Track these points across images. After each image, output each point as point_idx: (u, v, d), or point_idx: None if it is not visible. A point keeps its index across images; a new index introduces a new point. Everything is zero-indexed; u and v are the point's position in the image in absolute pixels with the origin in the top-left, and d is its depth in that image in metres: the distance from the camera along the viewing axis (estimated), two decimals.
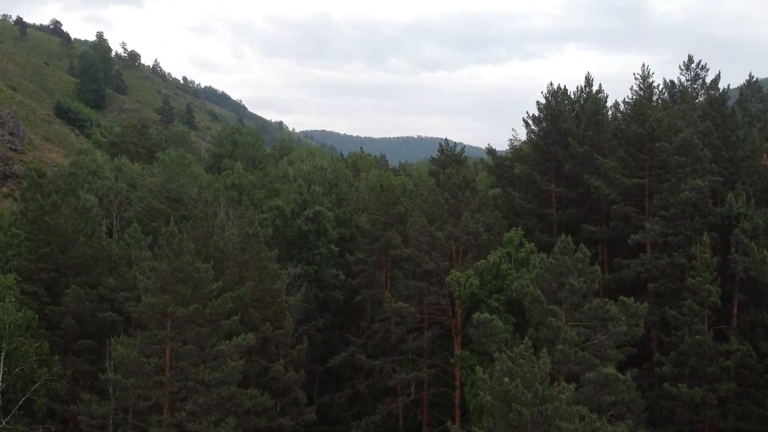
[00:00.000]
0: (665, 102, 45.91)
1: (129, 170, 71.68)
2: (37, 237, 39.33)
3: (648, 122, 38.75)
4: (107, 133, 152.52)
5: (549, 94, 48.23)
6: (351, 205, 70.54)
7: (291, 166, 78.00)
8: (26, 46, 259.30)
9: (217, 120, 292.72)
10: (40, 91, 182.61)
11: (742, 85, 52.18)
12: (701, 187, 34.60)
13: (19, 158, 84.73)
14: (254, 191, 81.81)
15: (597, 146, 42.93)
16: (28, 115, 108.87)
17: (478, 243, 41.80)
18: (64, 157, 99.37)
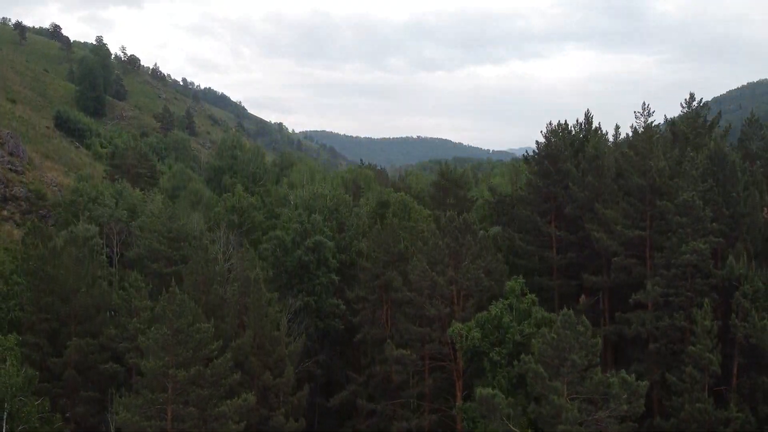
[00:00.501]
0: (665, 140, 45.79)
1: (130, 196, 71.60)
2: (39, 287, 39.33)
3: (649, 173, 38.79)
4: (107, 143, 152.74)
5: (548, 134, 48.20)
6: (351, 230, 70.55)
7: (292, 190, 77.86)
8: (26, 51, 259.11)
9: (217, 125, 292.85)
10: (39, 99, 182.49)
11: (743, 124, 52.09)
12: (702, 249, 34.66)
13: (20, 179, 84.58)
14: (254, 213, 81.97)
15: (597, 191, 42.96)
16: (27, 131, 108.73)
17: (479, 289, 41.83)
18: (64, 174, 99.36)
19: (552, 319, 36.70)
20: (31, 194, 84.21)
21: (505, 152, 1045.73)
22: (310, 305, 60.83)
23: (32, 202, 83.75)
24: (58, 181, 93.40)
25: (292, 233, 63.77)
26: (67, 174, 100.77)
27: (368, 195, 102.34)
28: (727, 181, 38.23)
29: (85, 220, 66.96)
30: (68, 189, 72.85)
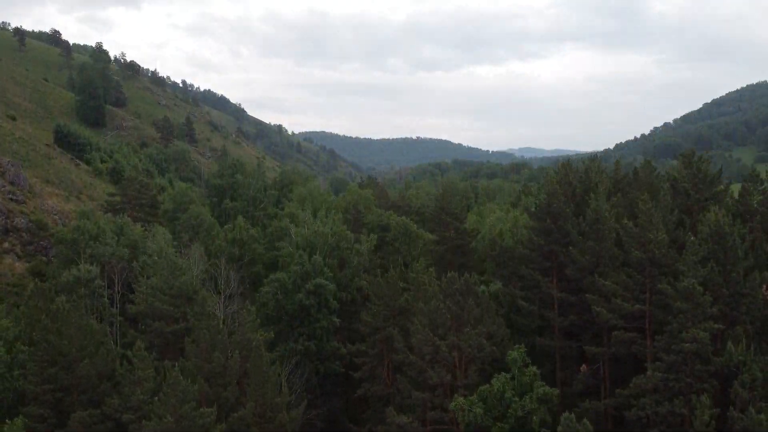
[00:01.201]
0: (666, 201, 45.77)
1: (131, 232, 71.67)
2: (42, 358, 39.39)
3: (649, 246, 38.92)
4: (107, 157, 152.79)
5: (549, 192, 48.24)
6: (352, 267, 70.69)
7: (292, 222, 77.86)
8: (25, 58, 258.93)
9: (216, 131, 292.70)
10: (40, 110, 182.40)
11: (744, 179, 52.14)
12: (702, 337, 34.81)
13: (20, 209, 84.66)
14: (255, 245, 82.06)
15: (598, 255, 43.08)
16: (28, 153, 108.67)
17: (481, 355, 41.94)
18: (65, 200, 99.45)
19: (554, 395, 36.84)
20: (32, 225, 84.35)
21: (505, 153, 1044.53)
22: (310, 350, 61.04)
23: (33, 233, 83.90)
24: (59, 208, 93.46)
25: (292, 275, 63.92)
26: (68, 199, 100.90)
27: (368, 218, 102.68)
28: (728, 260, 38.33)
29: (86, 259, 67.11)
30: (69, 225, 72.60)
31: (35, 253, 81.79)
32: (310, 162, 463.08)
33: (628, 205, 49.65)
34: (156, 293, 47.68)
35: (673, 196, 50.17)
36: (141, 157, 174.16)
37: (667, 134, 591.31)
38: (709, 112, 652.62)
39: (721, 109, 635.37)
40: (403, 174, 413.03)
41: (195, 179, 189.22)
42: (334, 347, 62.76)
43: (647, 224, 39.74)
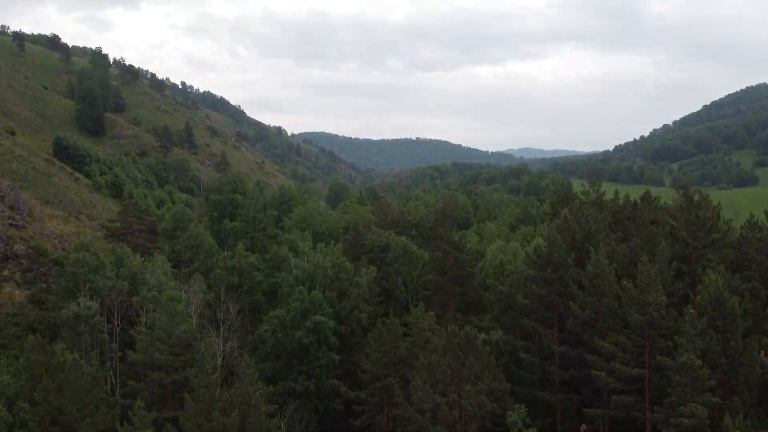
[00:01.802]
0: (663, 256, 45.79)
1: (130, 264, 71.64)
2: (43, 418, 39.44)
3: (647, 309, 39.02)
4: (107, 169, 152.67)
5: (550, 240, 48.27)
6: (352, 299, 70.76)
7: (292, 252, 77.89)
8: (25, 63, 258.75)
9: (216, 135, 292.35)
10: (39, 120, 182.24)
11: (744, 227, 52.09)
12: (700, 413, 34.90)
13: (20, 235, 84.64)
14: (254, 273, 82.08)
15: (598, 311, 43.18)
16: (27, 172, 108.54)
17: (481, 413, 42.02)
18: (64, 221, 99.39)
19: None
20: (31, 251, 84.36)
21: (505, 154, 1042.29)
22: (310, 389, 61.05)
23: (33, 259, 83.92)
24: (59, 231, 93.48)
25: (292, 311, 63.97)
26: (68, 220, 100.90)
27: (368, 237, 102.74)
28: (727, 328, 38.43)
29: (86, 292, 67.20)
30: (69, 257, 72.40)
31: (35, 280, 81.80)
32: (310, 164, 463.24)
33: (629, 253, 49.69)
34: (155, 343, 47.66)
35: (671, 243, 50.24)
36: (140, 167, 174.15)
37: (666, 136, 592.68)
38: (708, 114, 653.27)
39: (721, 111, 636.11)
40: (403, 177, 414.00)
41: (194, 189, 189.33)
42: (333, 385, 62.87)
43: (646, 285, 39.84)
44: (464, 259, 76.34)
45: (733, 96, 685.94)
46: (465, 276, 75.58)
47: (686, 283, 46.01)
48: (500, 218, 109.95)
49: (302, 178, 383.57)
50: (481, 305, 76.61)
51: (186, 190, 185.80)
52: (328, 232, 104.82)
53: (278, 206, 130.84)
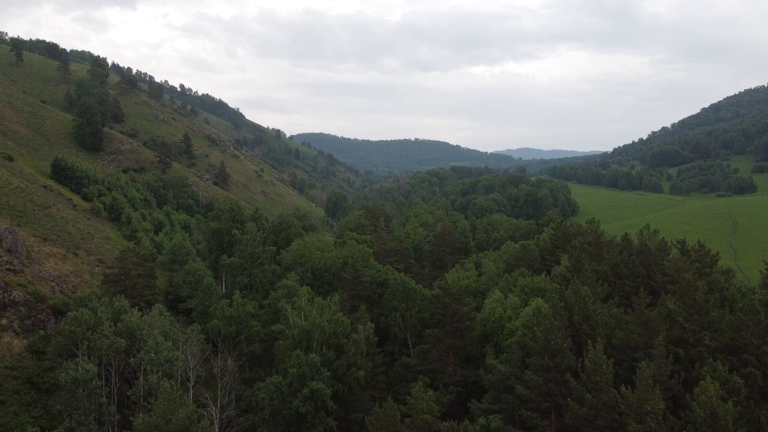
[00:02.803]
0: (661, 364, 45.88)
1: (129, 319, 71.63)
2: None
3: (646, 419, 39.13)
4: (105, 191, 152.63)
5: (547, 328, 48.36)
6: (349, 354, 70.79)
7: (290, 304, 77.85)
8: (23, 73, 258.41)
9: (215, 145, 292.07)
10: (37, 138, 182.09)
11: (740, 310, 52.10)
12: None
13: (18, 281, 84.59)
14: (252, 323, 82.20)
15: (596, 409, 43.29)
16: (25, 206, 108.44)
17: None
18: (62, 258, 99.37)
19: None
20: (29, 297, 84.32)
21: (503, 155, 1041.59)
22: None
23: (31, 306, 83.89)
24: (57, 272, 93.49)
25: (289, 377, 64.00)
26: (66, 257, 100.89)
27: (367, 273, 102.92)
28: None
29: (84, 351, 67.41)
30: (67, 316, 72.38)
31: (33, 327, 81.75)
32: (309, 168, 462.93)
33: (626, 339, 49.84)
34: (153, 430, 47.73)
35: (669, 325, 50.41)
36: (139, 186, 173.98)
37: (664, 140, 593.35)
38: (706, 116, 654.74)
39: (719, 114, 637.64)
40: (402, 183, 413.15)
41: (193, 205, 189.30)
42: None
43: (644, 393, 39.99)
44: (463, 312, 76.50)
45: (732, 99, 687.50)
46: (464, 329, 75.77)
47: (682, 378, 46.19)
48: (498, 256, 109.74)
49: (301, 184, 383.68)
50: (480, 357, 76.92)
51: (185, 207, 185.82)
52: (326, 267, 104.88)
53: (276, 233, 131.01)
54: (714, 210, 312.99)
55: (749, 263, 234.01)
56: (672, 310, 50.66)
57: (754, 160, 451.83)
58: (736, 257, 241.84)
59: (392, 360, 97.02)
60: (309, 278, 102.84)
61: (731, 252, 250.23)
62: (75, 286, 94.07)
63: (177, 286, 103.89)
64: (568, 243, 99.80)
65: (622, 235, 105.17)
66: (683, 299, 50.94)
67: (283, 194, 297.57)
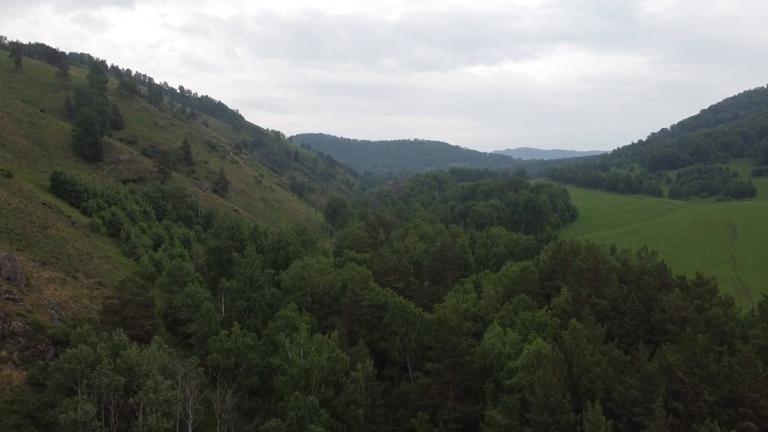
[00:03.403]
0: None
1: (128, 355, 71.57)
2: None
3: None
4: (105, 205, 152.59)
5: (545, 383, 48.36)
6: (348, 392, 70.82)
7: (288, 338, 77.73)
8: (22, 80, 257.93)
9: (214, 150, 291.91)
10: (36, 149, 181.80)
11: (739, 363, 51.99)
12: None
13: (17, 310, 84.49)
14: (251, 355, 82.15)
15: None
16: (24, 228, 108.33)
17: None
18: (61, 283, 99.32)
19: None
20: (29, 327, 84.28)
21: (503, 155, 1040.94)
22: None
23: (30, 336, 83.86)
24: (56, 298, 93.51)
25: (288, 420, 63.99)
26: (65, 281, 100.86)
27: (366, 295, 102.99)
28: None
29: (83, 389, 67.50)
30: (66, 352, 72.40)
31: (33, 358, 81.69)
32: (308, 170, 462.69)
33: (626, 394, 49.86)
34: None
35: (668, 378, 50.48)
36: (138, 198, 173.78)
37: (664, 142, 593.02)
38: (706, 118, 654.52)
39: (719, 116, 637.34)
40: (401, 186, 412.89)
41: (192, 216, 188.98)
42: None
43: None
44: (463, 347, 76.46)
45: (731, 100, 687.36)
46: (463, 364, 75.78)
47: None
48: (498, 279, 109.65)
49: (300, 187, 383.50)
50: (479, 391, 76.99)
51: (184, 219, 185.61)
52: (325, 290, 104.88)
53: (276, 251, 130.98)
54: (713, 216, 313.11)
55: (748, 273, 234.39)
56: (672, 364, 50.73)
57: (753, 163, 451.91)
58: (736, 266, 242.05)
59: (392, 384, 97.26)
60: (308, 302, 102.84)
61: (731, 260, 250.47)
62: (74, 312, 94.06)
63: (176, 308, 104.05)
64: (567, 269, 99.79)
65: (621, 260, 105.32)
66: (683, 350, 50.97)
67: (283, 200, 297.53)
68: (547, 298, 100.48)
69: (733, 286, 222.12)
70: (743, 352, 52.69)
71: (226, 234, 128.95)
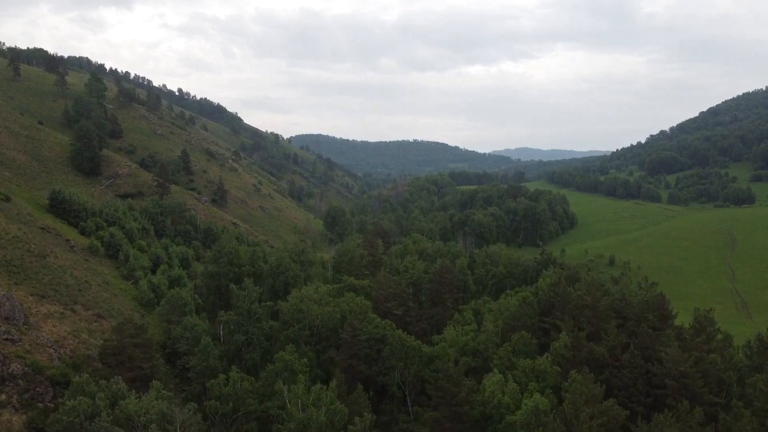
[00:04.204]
0: None
1: (126, 405, 71.54)
2: None
3: None
4: (103, 223, 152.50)
5: None
6: None
7: (287, 387, 77.64)
8: (20, 89, 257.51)
9: (213, 159, 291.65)
10: (34, 165, 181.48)
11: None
12: None
13: (16, 352, 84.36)
14: (249, 400, 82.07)
15: None
16: (23, 258, 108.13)
17: None
18: (60, 318, 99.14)
19: None
20: (28, 369, 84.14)
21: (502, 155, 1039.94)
22: None
23: (30, 378, 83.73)
24: (55, 336, 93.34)
25: None
26: (63, 315, 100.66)
27: (365, 328, 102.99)
28: None
29: None
30: (65, 404, 72.48)
31: (32, 401, 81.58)
32: (307, 173, 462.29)
33: None
34: None
35: None
36: (136, 214, 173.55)
37: (663, 145, 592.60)
38: (705, 121, 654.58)
39: (717, 119, 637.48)
40: (401, 190, 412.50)
41: (191, 231, 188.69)
42: None
43: None
44: (462, 396, 76.55)
45: (730, 102, 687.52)
46: (462, 413, 75.91)
47: None
48: (498, 312, 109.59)
49: (299, 192, 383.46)
50: None
51: (182, 234, 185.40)
52: (324, 323, 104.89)
53: (274, 277, 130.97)
54: (712, 224, 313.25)
55: (747, 285, 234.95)
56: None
57: (752, 167, 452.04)
58: (734, 279, 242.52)
59: (390, 419, 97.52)
60: (306, 335, 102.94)
61: (729, 272, 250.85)
62: (73, 349, 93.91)
63: (175, 339, 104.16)
64: (566, 304, 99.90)
65: (620, 295, 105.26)
66: (681, 424, 51.03)
67: (282, 208, 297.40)
68: (546, 333, 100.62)
69: (732, 300, 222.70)
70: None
71: (225, 259, 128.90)
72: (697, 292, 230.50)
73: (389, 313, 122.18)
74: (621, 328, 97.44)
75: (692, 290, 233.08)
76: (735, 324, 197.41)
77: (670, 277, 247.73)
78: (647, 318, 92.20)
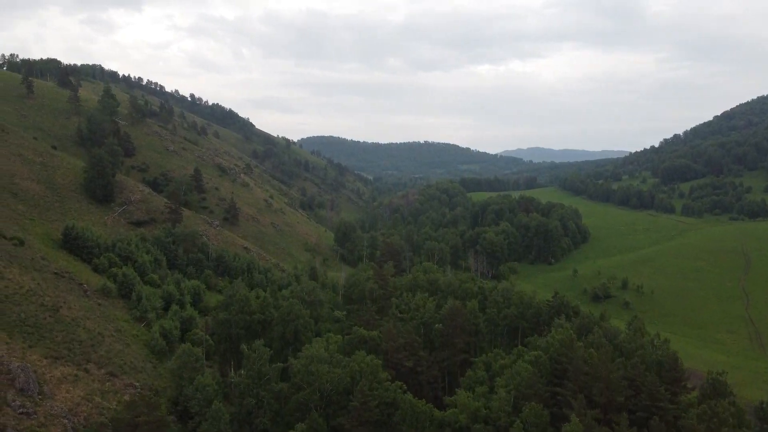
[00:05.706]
0: None
1: None
2: None
3: None
4: (116, 258, 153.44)
5: None
6: None
7: None
8: (34, 106, 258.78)
9: (225, 174, 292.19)
10: (48, 195, 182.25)
11: None
12: None
13: (31, 427, 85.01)
14: None
15: None
16: (37, 313, 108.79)
17: None
18: (74, 381, 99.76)
19: None
20: None
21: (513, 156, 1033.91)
22: None
23: None
24: (69, 404, 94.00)
25: None
26: (77, 377, 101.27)
27: (376, 393, 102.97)
28: None
29: None
30: None
31: None
32: (318, 180, 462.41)
33: None
34: None
35: None
36: (149, 246, 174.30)
37: (676, 151, 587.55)
38: (719, 125, 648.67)
39: (732, 123, 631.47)
40: (411, 200, 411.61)
41: (203, 260, 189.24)
42: None
43: None
44: None
45: (744, 106, 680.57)
46: None
47: None
48: (511, 377, 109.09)
49: (310, 201, 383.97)
50: None
51: (194, 263, 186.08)
52: (334, 387, 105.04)
53: (284, 325, 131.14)
54: (726, 242, 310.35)
55: (761, 312, 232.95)
56: None
57: (767, 177, 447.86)
58: (749, 304, 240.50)
59: None
60: (316, 399, 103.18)
61: (743, 296, 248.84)
62: (86, 417, 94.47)
63: (187, 398, 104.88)
64: (578, 373, 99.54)
65: (632, 364, 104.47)
66: None
67: (293, 223, 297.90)
68: (558, 403, 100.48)
69: (745, 329, 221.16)
70: None
71: (236, 307, 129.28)
72: (710, 320, 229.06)
73: (400, 365, 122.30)
74: (634, 398, 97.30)
75: (705, 317, 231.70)
76: (747, 358, 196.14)
77: (682, 302, 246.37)
78: (660, 394, 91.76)
